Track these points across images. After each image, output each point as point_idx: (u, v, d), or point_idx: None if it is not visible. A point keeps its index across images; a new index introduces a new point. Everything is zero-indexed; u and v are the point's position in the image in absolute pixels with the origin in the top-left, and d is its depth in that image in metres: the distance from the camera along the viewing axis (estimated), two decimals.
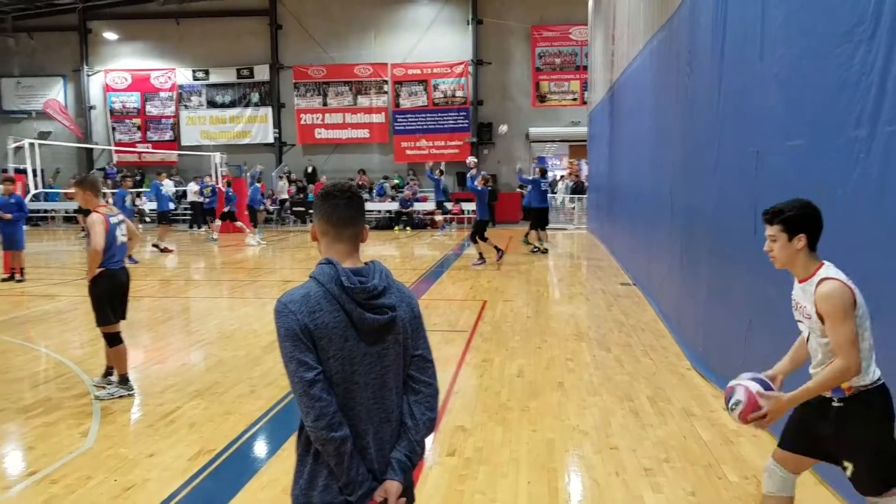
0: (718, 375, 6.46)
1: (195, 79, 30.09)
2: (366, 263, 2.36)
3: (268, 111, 29.74)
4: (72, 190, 8.87)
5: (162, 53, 30.10)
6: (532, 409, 5.99)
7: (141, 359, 7.65)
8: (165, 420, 5.82)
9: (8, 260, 13.32)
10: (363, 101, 29.19)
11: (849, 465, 3.05)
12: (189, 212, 26.17)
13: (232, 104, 30.07)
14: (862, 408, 3.01)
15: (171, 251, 18.22)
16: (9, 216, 12.95)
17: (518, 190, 24.34)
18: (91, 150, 29.91)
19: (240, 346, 8.35)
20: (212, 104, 30.16)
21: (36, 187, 17.83)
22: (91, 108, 30.81)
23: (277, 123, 29.72)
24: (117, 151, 29.95)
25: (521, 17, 27.82)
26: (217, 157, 25.13)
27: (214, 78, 29.93)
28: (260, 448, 5.42)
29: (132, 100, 30.55)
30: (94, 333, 7.07)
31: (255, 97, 29.93)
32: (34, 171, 18.27)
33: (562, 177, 28.39)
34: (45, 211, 28.43)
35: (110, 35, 30.04)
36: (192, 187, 24.52)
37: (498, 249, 15.37)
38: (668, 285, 9.30)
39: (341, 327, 2.22)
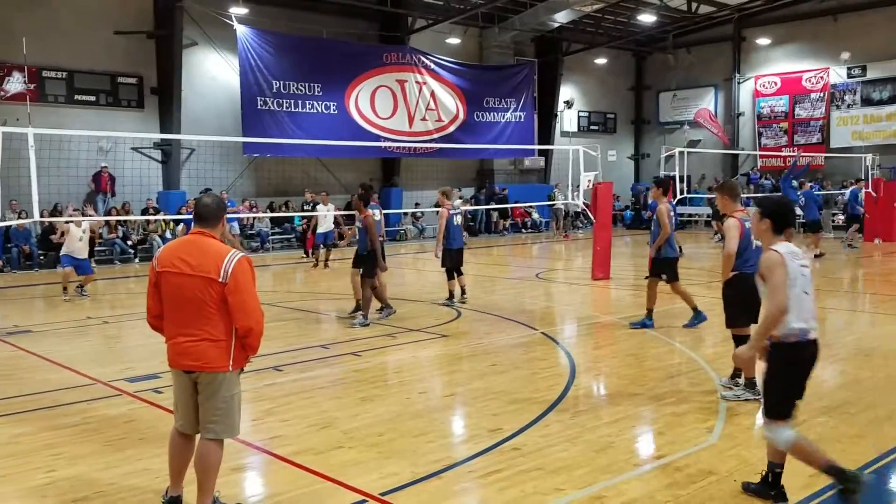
0: None
1: (849, 76, 28.33)
2: None
3: None
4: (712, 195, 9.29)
5: (814, 53, 29.11)
6: None
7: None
8: None
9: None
10: None
11: None
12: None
13: (890, 100, 27.41)
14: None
15: (821, 255, 17.52)
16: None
17: None
18: (736, 155, 30.72)
19: (879, 366, 7.62)
20: (867, 102, 28.00)
21: (682, 193, 19.07)
22: (739, 114, 31.61)
23: None
24: (762, 156, 30.11)
25: None
26: (869, 158, 23.18)
27: (872, 74, 27.69)
28: (894, 482, 4.86)
29: (780, 104, 30.31)
30: (726, 334, 7.27)
31: None
32: (681, 178, 19.62)
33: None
34: (689, 215, 30.22)
35: (762, 41, 30.35)
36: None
37: None
38: None
39: None
